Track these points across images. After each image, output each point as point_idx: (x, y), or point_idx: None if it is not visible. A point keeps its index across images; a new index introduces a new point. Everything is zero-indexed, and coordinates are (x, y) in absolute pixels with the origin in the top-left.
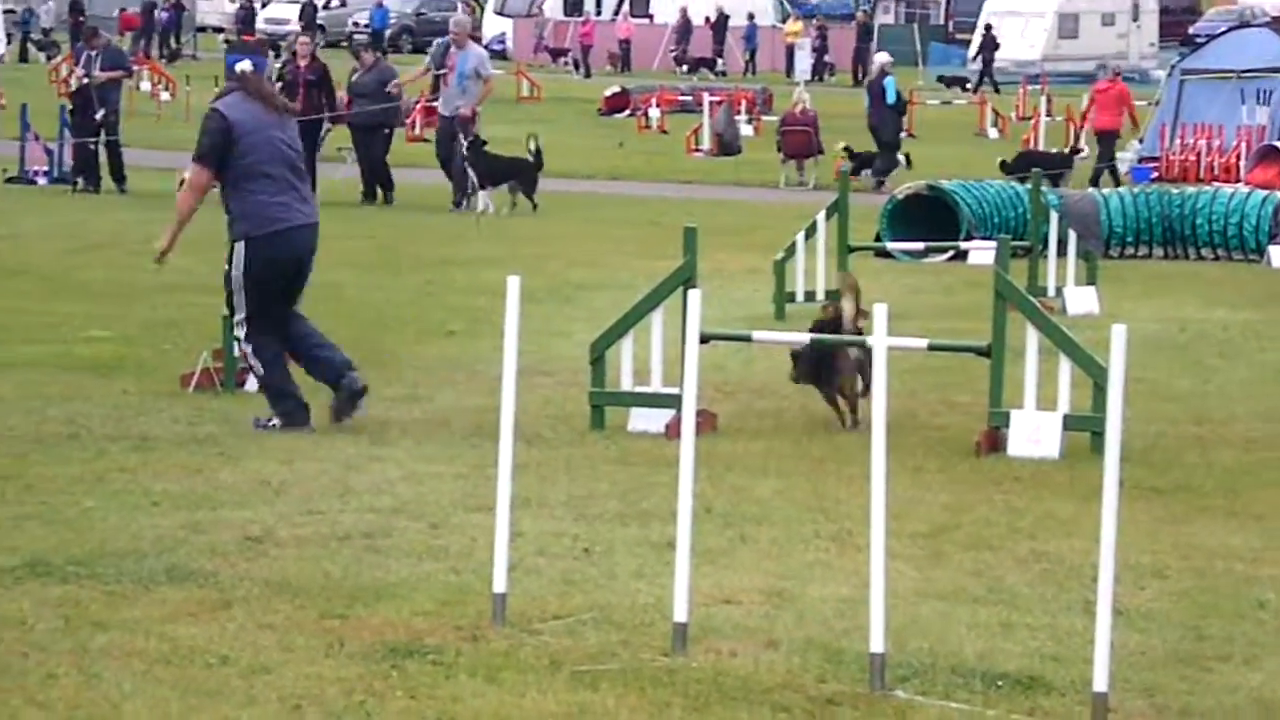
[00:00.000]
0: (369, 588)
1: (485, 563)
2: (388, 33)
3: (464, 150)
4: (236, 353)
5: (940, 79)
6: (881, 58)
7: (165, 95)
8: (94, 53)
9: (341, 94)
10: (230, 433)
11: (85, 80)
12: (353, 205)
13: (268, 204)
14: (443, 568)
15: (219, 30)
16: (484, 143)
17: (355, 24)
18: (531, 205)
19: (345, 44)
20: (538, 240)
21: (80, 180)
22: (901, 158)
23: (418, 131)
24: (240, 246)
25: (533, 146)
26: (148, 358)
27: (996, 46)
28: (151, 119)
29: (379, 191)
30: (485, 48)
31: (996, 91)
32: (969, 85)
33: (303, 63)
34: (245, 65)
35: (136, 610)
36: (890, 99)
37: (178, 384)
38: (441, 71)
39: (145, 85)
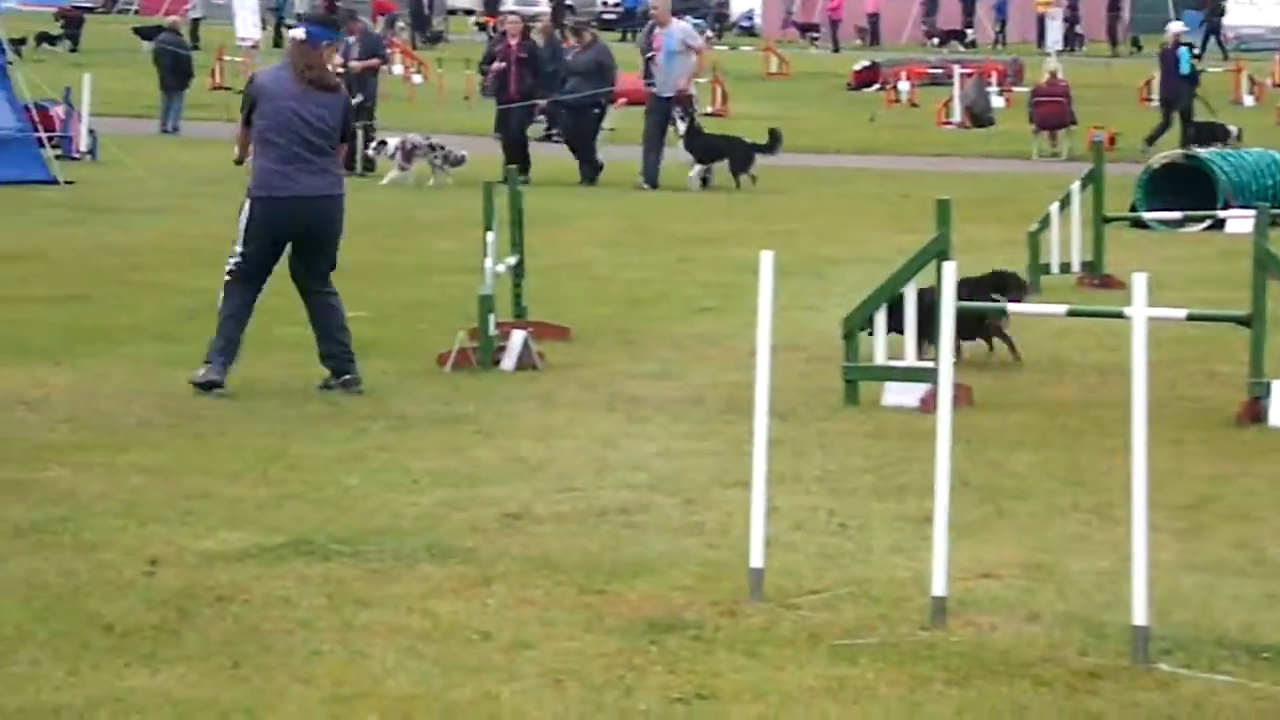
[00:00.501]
0: (627, 563)
1: (741, 538)
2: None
3: (681, 131)
4: (493, 330)
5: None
6: (1175, 27)
7: (418, 79)
8: (352, 38)
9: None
10: (487, 411)
11: (342, 71)
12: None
13: (269, 170)
14: (699, 543)
15: (469, 13)
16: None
17: (605, 3)
18: (735, 183)
19: (593, 24)
20: (788, 216)
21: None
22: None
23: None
24: (248, 202)
25: (769, 134)
26: (404, 338)
27: (1222, 13)
28: (404, 103)
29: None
30: (734, 24)
31: (1225, 58)
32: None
33: (514, 41)
34: (298, 33)
35: (398, 587)
36: (1184, 69)
37: (434, 363)
38: (649, 54)
39: (398, 69)
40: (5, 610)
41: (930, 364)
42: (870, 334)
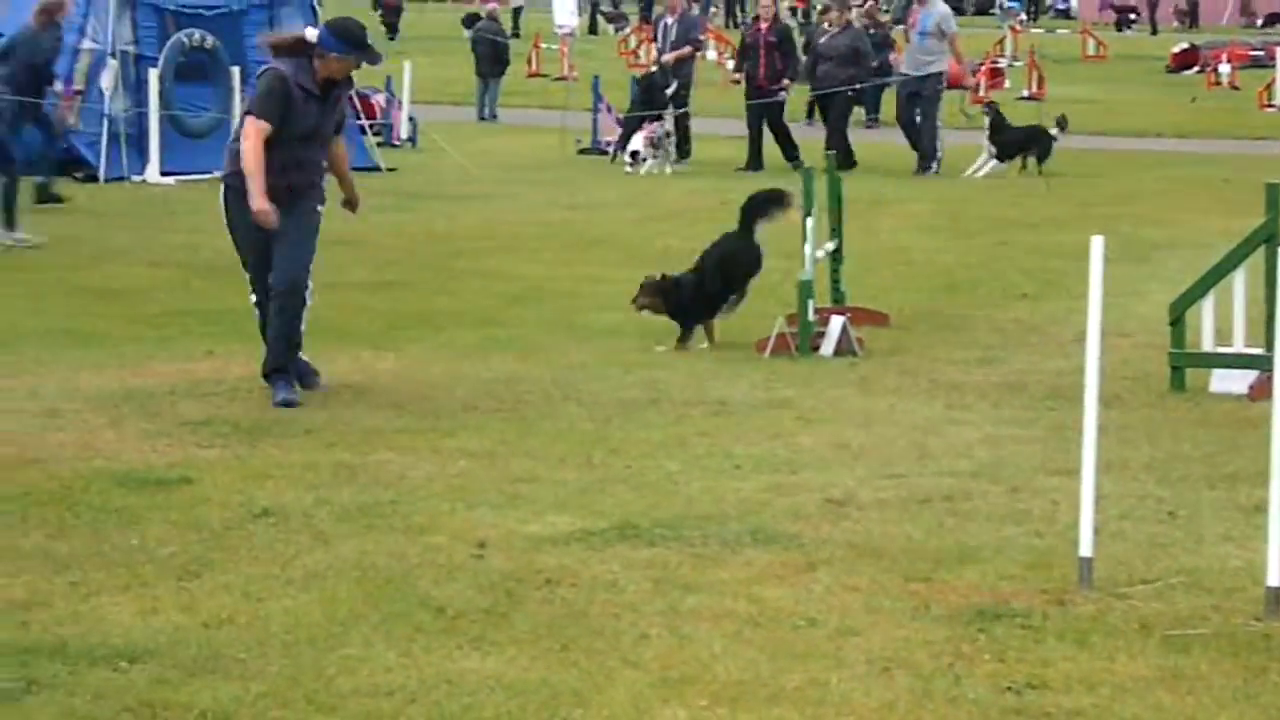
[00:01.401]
0: (952, 551)
1: (1069, 526)
2: None
3: (987, 117)
4: (812, 316)
5: None
6: None
7: (730, 64)
8: (671, 20)
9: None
10: (807, 396)
11: (653, 69)
12: (907, 173)
13: None
14: (1025, 531)
15: None
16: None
17: None
18: (1038, 170)
19: (859, 5)
20: (1107, 199)
21: (617, 151)
22: None
23: (983, 93)
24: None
25: (1057, 121)
26: (722, 324)
27: None
28: (717, 88)
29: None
30: (1049, 7)
31: None
32: None
33: (764, 25)
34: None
35: (723, 572)
36: None
37: (753, 349)
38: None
39: (711, 54)
40: (338, 592)
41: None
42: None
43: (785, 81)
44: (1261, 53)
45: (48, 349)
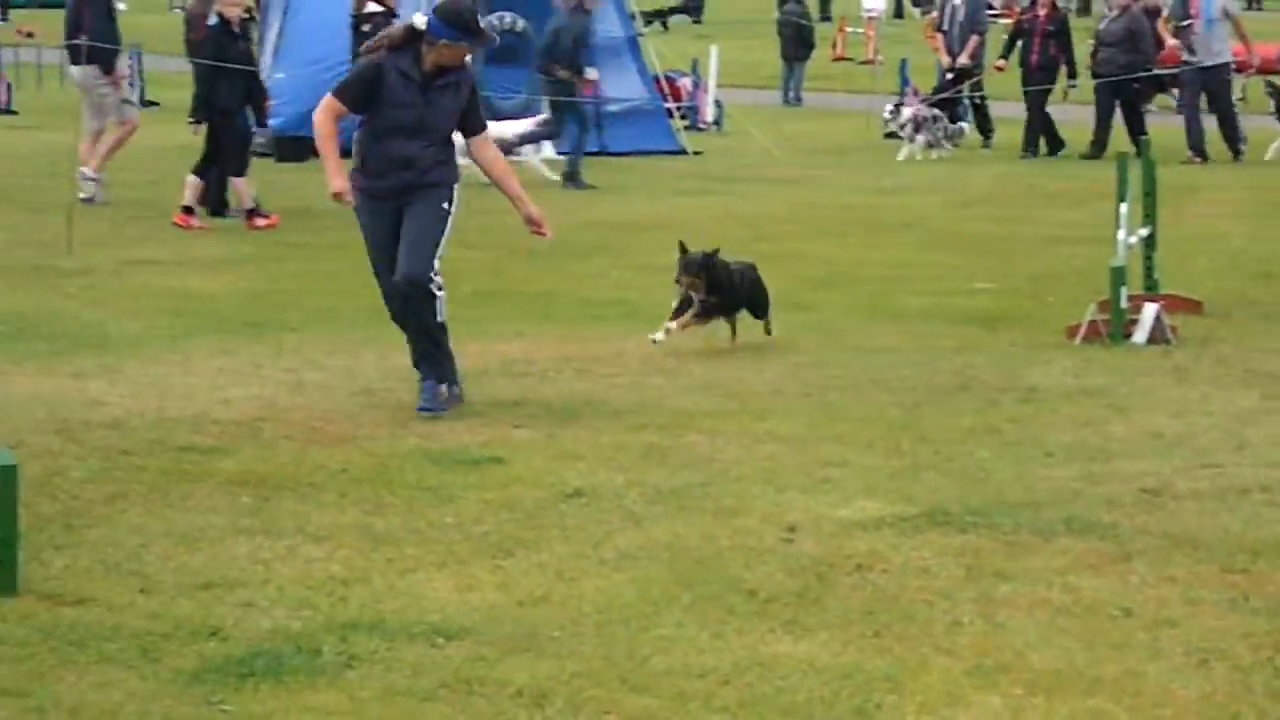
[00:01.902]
0: (1271, 542)
1: None
2: None
3: (1272, 99)
4: (1125, 303)
5: None
6: None
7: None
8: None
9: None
10: (1119, 384)
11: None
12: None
13: None
14: None
15: None
16: None
17: None
18: None
19: None
20: None
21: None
22: None
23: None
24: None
25: None
26: (1032, 309)
27: None
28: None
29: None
30: None
31: None
32: None
33: (1042, 12)
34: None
35: (1036, 560)
36: None
37: (1063, 335)
38: (1186, 23)
39: None
40: (650, 573)
41: None
42: None
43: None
44: None
45: (363, 329)
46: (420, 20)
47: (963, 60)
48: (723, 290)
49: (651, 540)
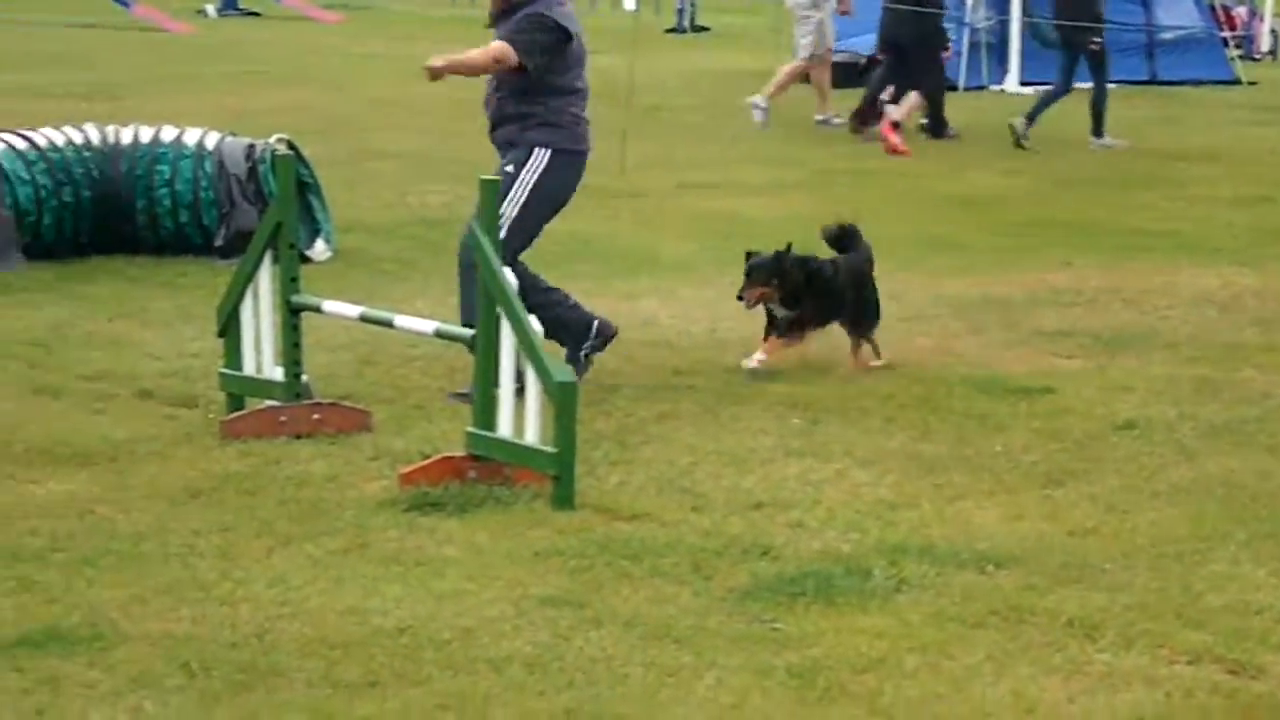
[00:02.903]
0: None
1: None
2: None
3: None
4: None
5: None
6: None
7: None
8: None
9: None
10: None
11: None
12: None
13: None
14: None
15: None
16: None
17: None
18: None
19: None
20: None
21: None
22: None
23: None
24: (547, 154)
25: None
26: None
27: None
28: None
29: None
30: None
31: None
32: None
33: None
34: None
35: None
36: None
37: None
38: None
39: None
40: (1204, 508)
41: None
42: None
43: None
44: None
45: (913, 254)
46: None
47: None
48: (815, 295)
49: (1205, 475)
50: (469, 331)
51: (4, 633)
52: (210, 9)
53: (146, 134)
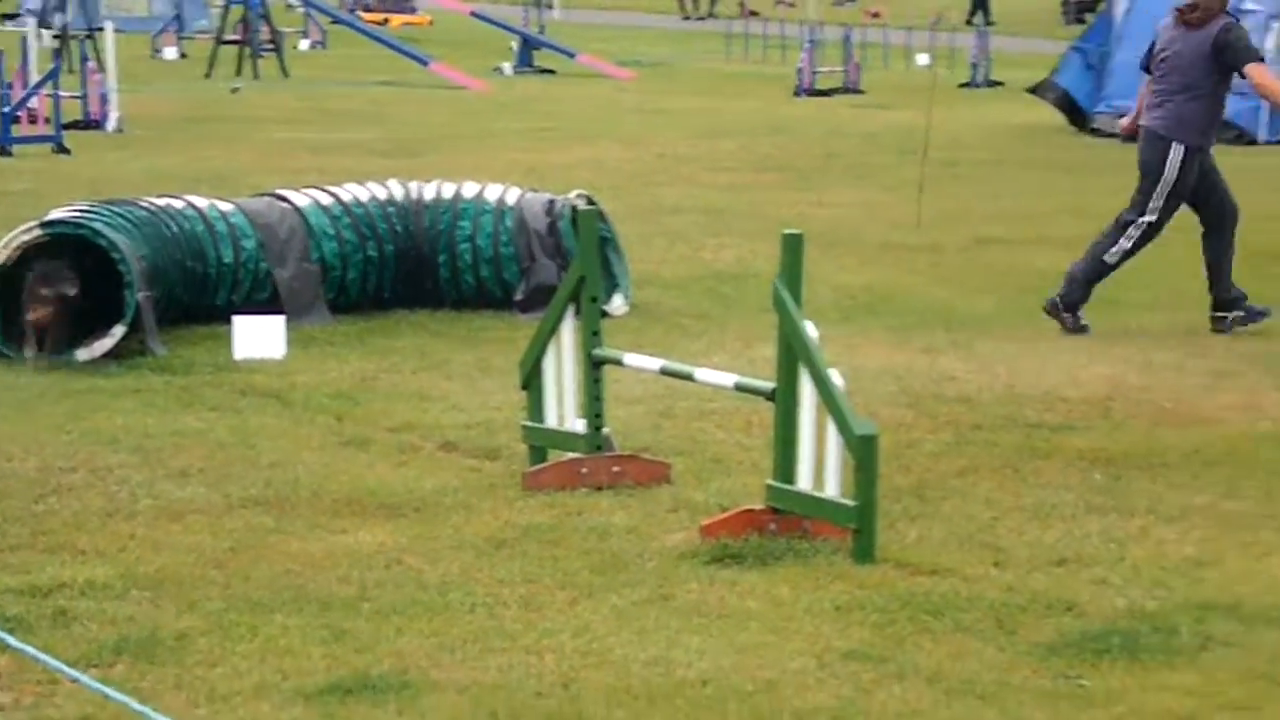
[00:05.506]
0: None
1: None
2: None
3: None
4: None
5: None
6: None
7: None
8: None
9: None
10: None
11: None
12: None
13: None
14: None
15: None
16: None
17: None
18: None
19: None
20: None
21: None
22: None
23: None
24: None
25: None
26: None
27: None
28: None
29: None
30: None
31: None
32: None
33: None
34: None
35: None
36: None
37: None
38: None
39: None
40: None
41: None
42: None
43: None
44: None
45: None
46: None
47: None
48: None
49: None
50: (769, 385)
51: (315, 680)
52: (506, 67)
53: (448, 190)
